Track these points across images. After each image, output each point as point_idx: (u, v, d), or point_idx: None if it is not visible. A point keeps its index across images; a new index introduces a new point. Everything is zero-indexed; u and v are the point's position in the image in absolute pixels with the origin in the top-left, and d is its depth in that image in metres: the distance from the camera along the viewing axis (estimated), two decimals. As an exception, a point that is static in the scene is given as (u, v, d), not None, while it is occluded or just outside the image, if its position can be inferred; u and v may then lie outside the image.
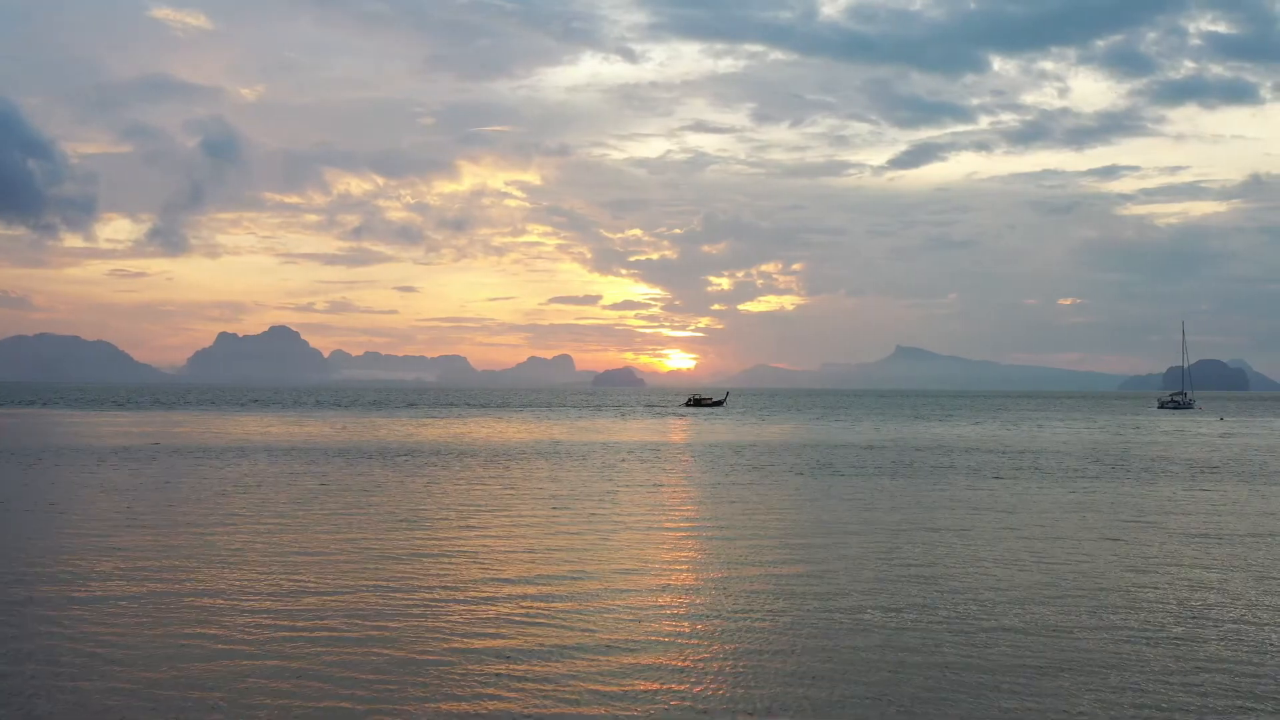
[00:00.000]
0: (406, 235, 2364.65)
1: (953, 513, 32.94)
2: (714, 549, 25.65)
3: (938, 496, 37.63)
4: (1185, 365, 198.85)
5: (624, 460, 54.19)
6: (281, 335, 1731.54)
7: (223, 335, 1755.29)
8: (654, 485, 41.23)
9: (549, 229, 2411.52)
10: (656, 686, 14.17)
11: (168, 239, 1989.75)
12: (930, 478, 44.98)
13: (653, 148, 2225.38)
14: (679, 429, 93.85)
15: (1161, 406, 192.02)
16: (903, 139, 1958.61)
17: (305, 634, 16.88)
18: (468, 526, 29.11)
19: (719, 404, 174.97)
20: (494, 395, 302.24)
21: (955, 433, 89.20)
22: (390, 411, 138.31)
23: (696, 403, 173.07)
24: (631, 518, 31.30)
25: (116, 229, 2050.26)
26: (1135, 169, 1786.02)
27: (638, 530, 28.75)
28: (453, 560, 23.60)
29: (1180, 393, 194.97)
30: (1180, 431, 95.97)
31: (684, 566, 23.23)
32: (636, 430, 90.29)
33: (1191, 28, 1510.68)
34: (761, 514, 32.44)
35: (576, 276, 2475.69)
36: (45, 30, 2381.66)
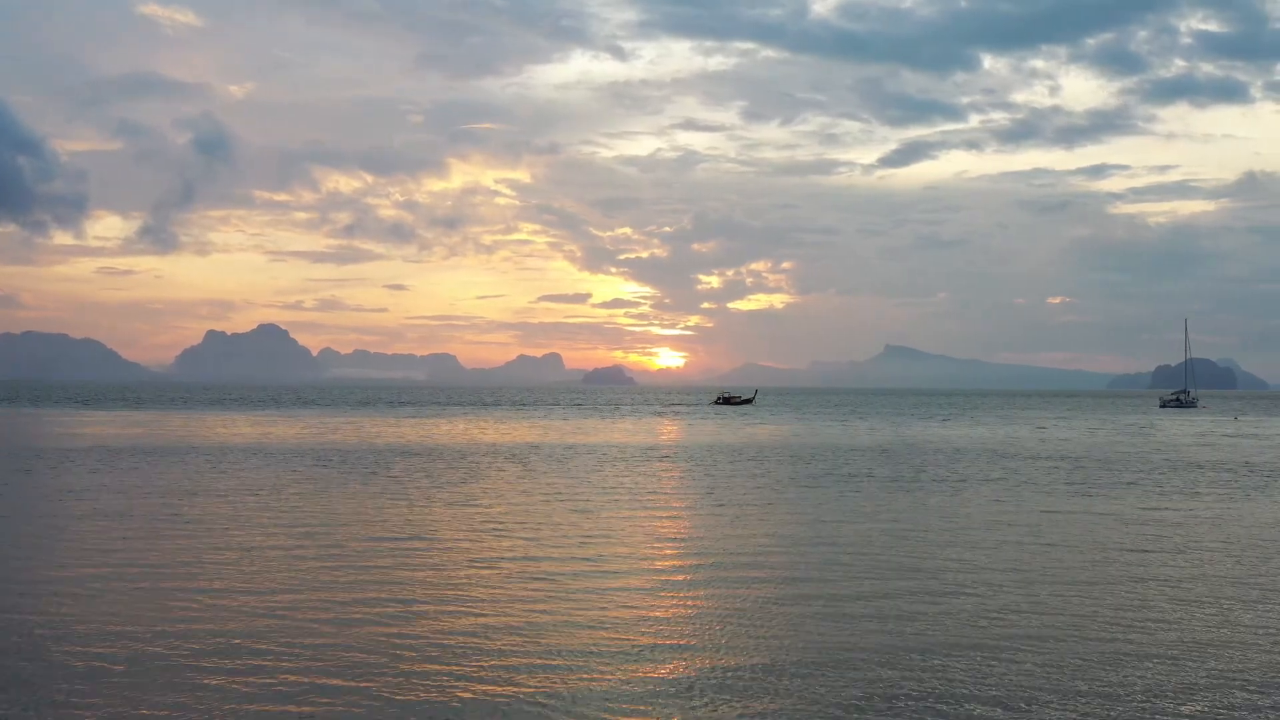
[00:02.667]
0: (397, 233, 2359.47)
1: (1002, 542, 26.66)
2: (713, 607, 19.33)
3: (978, 517, 31.24)
4: (1188, 362, 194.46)
5: (619, 468, 47.92)
6: (270, 333, 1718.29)
7: (211, 333, 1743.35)
8: (644, 505, 34.78)
9: (539, 227, 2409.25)
10: None
11: (157, 237, 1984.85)
12: (957, 489, 38.62)
13: (643, 146, 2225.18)
14: (693, 431, 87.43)
15: (1164, 405, 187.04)
16: (893, 137, 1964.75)
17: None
18: (402, 566, 22.71)
19: (748, 402, 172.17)
20: (501, 394, 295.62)
21: (963, 434, 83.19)
22: (370, 411, 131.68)
23: (726, 401, 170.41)
24: (613, 551, 25.09)
25: (106, 226, 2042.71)
26: (1125, 168, 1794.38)
27: (619, 576, 22.50)
28: (355, 647, 17.35)
29: (1183, 391, 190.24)
30: (1204, 433, 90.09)
31: (672, 641, 16.97)
32: (644, 432, 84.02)
33: (1182, 26, 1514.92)
34: (773, 546, 26.23)
35: (566, 275, 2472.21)
36: (34, 27, 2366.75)
